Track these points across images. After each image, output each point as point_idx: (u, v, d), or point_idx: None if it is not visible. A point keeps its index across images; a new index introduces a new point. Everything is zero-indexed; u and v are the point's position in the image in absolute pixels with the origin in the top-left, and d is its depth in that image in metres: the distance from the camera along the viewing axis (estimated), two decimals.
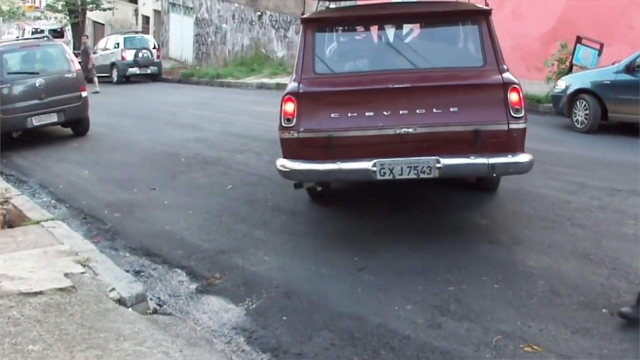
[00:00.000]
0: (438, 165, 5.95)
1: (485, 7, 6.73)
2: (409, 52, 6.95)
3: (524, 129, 6.11)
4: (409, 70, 6.64)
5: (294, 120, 6.19)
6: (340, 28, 7.43)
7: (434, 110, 6.09)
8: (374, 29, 7.46)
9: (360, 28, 7.52)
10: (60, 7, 35.47)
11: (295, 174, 6.41)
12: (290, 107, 6.19)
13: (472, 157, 6.01)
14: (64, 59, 12.92)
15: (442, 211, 7.16)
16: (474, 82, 6.37)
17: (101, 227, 7.46)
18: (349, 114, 6.17)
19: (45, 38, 14.06)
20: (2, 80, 12.03)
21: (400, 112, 6.09)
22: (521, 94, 6.12)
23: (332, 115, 6.19)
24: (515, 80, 6.19)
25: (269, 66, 24.97)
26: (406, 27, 7.35)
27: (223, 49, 29.20)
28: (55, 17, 38.08)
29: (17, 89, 12.19)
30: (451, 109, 6.09)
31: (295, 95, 6.25)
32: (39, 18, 39.53)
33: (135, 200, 8.31)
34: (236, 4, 27.97)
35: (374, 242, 6.34)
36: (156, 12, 34.60)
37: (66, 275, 5.22)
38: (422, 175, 6.00)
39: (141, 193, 8.65)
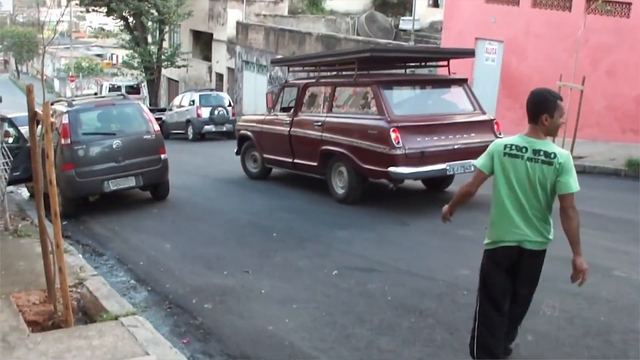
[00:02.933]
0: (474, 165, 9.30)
1: (464, 77, 11.44)
2: (433, 102, 10.91)
3: None
4: (442, 113, 10.47)
5: (401, 143, 9.50)
6: (392, 85, 10.65)
7: (465, 135, 10.01)
8: (411, 88, 11.18)
9: (402, 87, 11.07)
10: (136, 64, 35.29)
11: (405, 175, 9.74)
12: (394, 135, 9.49)
13: None
14: (142, 118, 11.76)
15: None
16: (478, 119, 10.46)
17: (190, 322, 6.13)
18: (426, 138, 9.78)
19: (121, 96, 12.91)
20: (77, 141, 10.97)
21: (450, 136, 9.93)
22: (499, 123, 10.49)
23: (418, 139, 9.71)
24: (495, 117, 10.81)
25: None
26: (427, 87, 11.21)
27: None
28: (132, 74, 38.01)
29: (94, 151, 11.11)
30: (472, 134, 10.07)
31: (398, 128, 9.58)
32: (115, 74, 39.48)
33: (227, 287, 6.98)
34: None
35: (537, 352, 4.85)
36: (230, 69, 34.00)
37: None
38: (466, 171, 9.44)
39: (233, 276, 7.33)
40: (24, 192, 13.53)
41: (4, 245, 8.83)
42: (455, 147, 9.75)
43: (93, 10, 35.26)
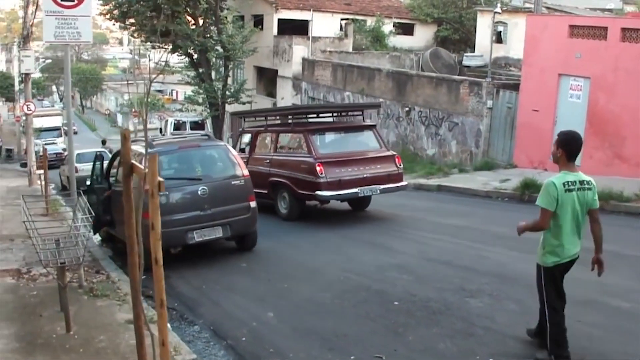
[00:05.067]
0: (380, 189, 12.66)
1: (373, 124, 15.36)
2: (349, 143, 13.63)
3: (402, 172, 13.37)
4: (355, 151, 13.14)
5: (324, 173, 12.19)
6: (318, 131, 13.32)
7: (372, 166, 12.78)
8: (333, 133, 13.99)
9: (326, 132, 13.70)
10: (200, 100, 34.32)
11: (328, 197, 12.41)
12: (319, 168, 12.18)
13: (390, 184, 12.86)
14: (229, 161, 10.32)
15: None
16: (383, 154, 13.22)
17: None
18: (342, 170, 12.48)
19: (206, 136, 11.42)
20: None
21: (361, 168, 12.64)
22: (399, 157, 13.46)
23: (336, 170, 12.38)
24: (396, 153, 13.70)
25: (420, 165, 22.08)
26: (344, 132, 14.17)
27: None
28: (195, 110, 37.04)
29: (177, 198, 9.67)
30: (378, 166, 12.86)
31: (322, 163, 12.27)
32: (180, 110, 38.53)
33: None
34: (382, 99, 25.51)
35: None
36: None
37: None
38: (373, 194, 12.85)
39: None
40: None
41: (79, 309, 7.44)
42: (365, 176, 12.59)
43: (159, 47, 34.50)
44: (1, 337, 6.62)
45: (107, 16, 33.24)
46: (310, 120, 14.95)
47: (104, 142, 36.04)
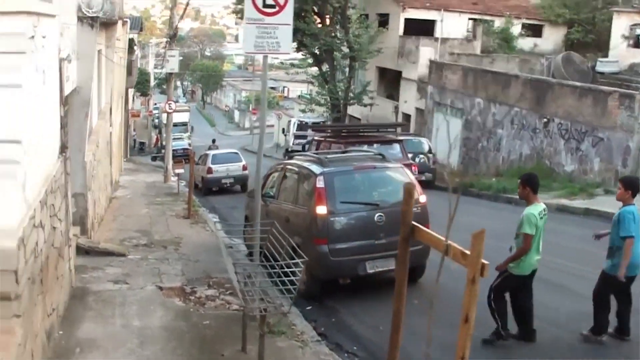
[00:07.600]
0: None
1: (400, 138, 20.20)
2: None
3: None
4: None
5: None
6: (355, 143, 17.40)
7: None
8: (366, 144, 17.75)
9: (360, 144, 17.53)
10: (322, 101, 33.98)
11: None
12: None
13: None
14: None
15: None
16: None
17: None
18: None
19: (380, 156, 10.75)
20: (334, 211, 9.00)
21: None
22: (416, 166, 18.89)
23: None
24: (413, 162, 19.23)
25: (558, 182, 20.46)
26: (376, 144, 17.87)
27: (496, 156, 25.26)
28: (313, 110, 36.79)
29: (352, 224, 9.07)
30: None
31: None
32: (304, 111, 38.44)
33: None
34: (517, 108, 24.15)
35: None
36: (418, 110, 31.68)
37: None
38: None
39: None
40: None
41: (260, 352, 6.82)
42: None
43: None
44: None
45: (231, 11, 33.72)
46: (358, 134, 19.53)
47: (213, 141, 36.79)
